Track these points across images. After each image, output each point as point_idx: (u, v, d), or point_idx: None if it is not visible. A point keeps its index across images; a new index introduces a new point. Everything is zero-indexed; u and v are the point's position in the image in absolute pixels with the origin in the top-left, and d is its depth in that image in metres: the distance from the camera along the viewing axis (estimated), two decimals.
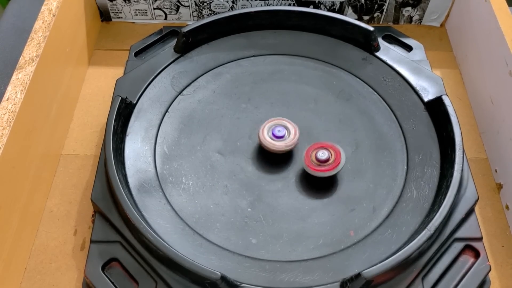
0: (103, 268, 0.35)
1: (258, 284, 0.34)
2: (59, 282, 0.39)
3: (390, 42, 0.50)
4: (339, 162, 0.39)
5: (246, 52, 0.49)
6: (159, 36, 0.50)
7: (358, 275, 0.33)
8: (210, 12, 0.57)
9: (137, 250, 0.35)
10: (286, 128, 0.41)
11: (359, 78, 0.47)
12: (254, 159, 0.42)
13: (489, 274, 0.36)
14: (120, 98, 0.42)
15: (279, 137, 0.41)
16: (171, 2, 0.55)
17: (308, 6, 0.55)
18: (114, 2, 0.56)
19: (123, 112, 0.42)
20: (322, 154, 0.39)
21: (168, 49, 0.48)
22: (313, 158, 0.40)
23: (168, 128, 0.44)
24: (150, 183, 0.40)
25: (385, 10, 0.57)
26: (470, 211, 0.38)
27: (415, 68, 0.46)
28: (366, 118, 0.45)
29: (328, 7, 0.56)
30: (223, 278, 0.33)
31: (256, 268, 0.36)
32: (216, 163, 0.42)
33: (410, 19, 0.58)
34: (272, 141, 0.41)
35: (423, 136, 0.42)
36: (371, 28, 0.47)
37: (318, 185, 0.41)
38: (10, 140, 0.37)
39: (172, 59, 0.47)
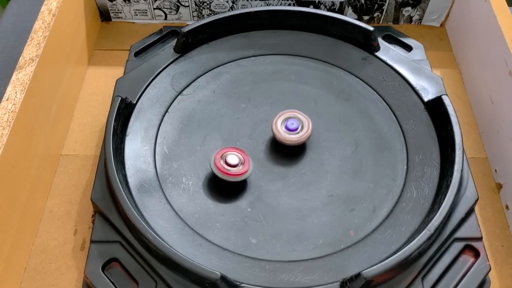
0: (103, 268, 0.35)
1: (258, 284, 0.34)
2: (59, 282, 0.39)
3: (390, 42, 0.50)
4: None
5: (246, 52, 0.49)
6: (159, 36, 0.50)
7: (358, 275, 0.33)
8: (210, 12, 0.57)
9: (137, 250, 0.35)
10: (300, 120, 0.42)
11: (359, 78, 0.47)
12: (254, 159, 0.42)
13: (489, 274, 0.36)
14: (120, 98, 0.42)
15: (293, 130, 0.41)
16: (171, 2, 0.55)
17: (308, 6, 0.55)
18: (114, 2, 0.56)
19: (123, 112, 0.42)
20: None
21: (168, 49, 0.48)
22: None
23: (168, 128, 0.44)
24: (150, 183, 0.40)
25: (385, 10, 0.57)
26: (470, 211, 0.38)
27: (415, 68, 0.46)
28: (366, 118, 0.45)
29: (328, 7, 0.56)
30: (223, 278, 0.33)
31: (256, 268, 0.36)
32: None
33: (410, 19, 0.58)
34: (287, 135, 0.41)
35: (423, 136, 0.42)
36: (371, 28, 0.47)
37: (318, 185, 0.41)
38: (10, 140, 0.37)
39: (172, 59, 0.47)
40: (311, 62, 0.49)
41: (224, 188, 0.40)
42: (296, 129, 0.41)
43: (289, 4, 0.56)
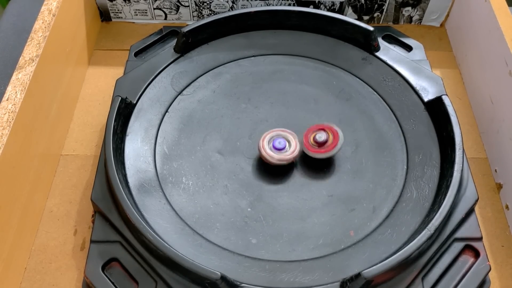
0: (103, 268, 0.35)
1: (258, 284, 0.34)
2: (59, 282, 0.39)
3: (390, 42, 0.50)
4: (337, 143, 0.40)
5: (246, 52, 0.49)
6: (159, 36, 0.50)
7: (358, 275, 0.33)
8: (210, 12, 0.57)
9: (137, 250, 0.35)
10: (287, 139, 0.41)
11: (359, 78, 0.47)
12: (254, 159, 0.42)
13: (489, 274, 0.36)
14: (120, 98, 0.42)
15: (280, 149, 0.40)
16: (171, 2, 0.55)
17: (308, 6, 0.55)
18: (114, 2, 0.56)
19: (123, 112, 0.42)
20: (320, 137, 0.40)
21: (168, 49, 0.48)
22: (312, 141, 0.40)
23: (168, 128, 0.44)
24: (150, 183, 0.40)
25: (385, 10, 0.57)
26: (470, 211, 0.38)
27: (415, 68, 0.46)
28: (366, 118, 0.45)
29: (328, 7, 0.56)
30: (223, 278, 0.33)
31: (256, 268, 0.36)
32: (216, 163, 0.42)
33: (410, 19, 0.58)
34: (273, 153, 0.40)
35: (423, 136, 0.42)
36: (371, 28, 0.47)
37: (318, 185, 0.41)
38: (10, 140, 0.37)
39: (172, 59, 0.47)
40: (311, 62, 0.49)
41: (224, 188, 0.40)
42: (283, 148, 0.40)
43: (289, 4, 0.56)
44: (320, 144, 0.40)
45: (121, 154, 0.41)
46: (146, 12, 0.57)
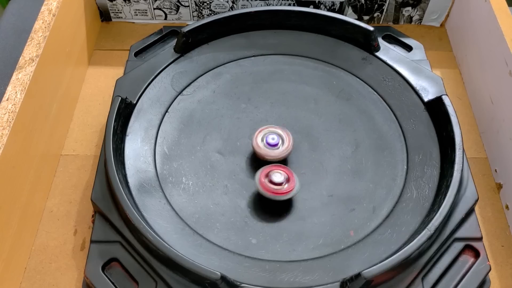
0: (103, 268, 0.35)
1: (258, 284, 0.34)
2: (59, 282, 0.39)
3: (390, 42, 0.50)
4: (294, 186, 0.38)
5: (246, 52, 0.49)
6: (159, 36, 0.50)
7: (358, 275, 0.33)
8: (210, 12, 0.57)
9: (137, 250, 0.35)
10: (280, 136, 0.41)
11: (359, 78, 0.47)
12: (254, 159, 0.42)
13: (489, 274, 0.36)
14: (120, 98, 0.42)
15: (273, 145, 0.40)
16: (171, 2, 0.55)
17: (308, 6, 0.55)
18: (114, 2, 0.56)
19: (123, 112, 0.42)
20: (277, 177, 0.38)
21: (168, 49, 0.48)
22: (267, 182, 0.38)
23: (168, 128, 0.44)
24: (150, 183, 0.40)
25: (385, 10, 0.57)
26: (470, 211, 0.38)
27: (415, 68, 0.46)
28: (366, 118, 0.45)
29: (328, 7, 0.56)
30: (223, 278, 0.33)
31: (256, 268, 0.36)
32: (216, 163, 0.42)
33: (410, 19, 0.58)
34: (267, 149, 0.40)
35: (423, 136, 0.42)
36: (371, 28, 0.47)
37: (318, 185, 0.41)
38: (10, 140, 0.37)
39: (172, 59, 0.47)
40: (311, 62, 0.49)
41: (224, 188, 0.40)
42: (276, 145, 0.40)
43: (289, 4, 0.56)
44: (277, 185, 0.38)
45: (121, 154, 0.41)
46: (146, 12, 0.57)
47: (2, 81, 0.53)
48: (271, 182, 0.38)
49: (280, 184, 0.38)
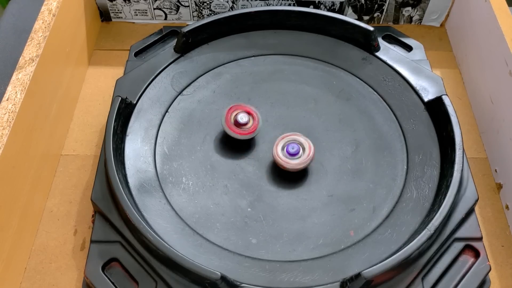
0: (103, 268, 0.35)
1: (258, 284, 0.34)
2: (59, 282, 0.39)
3: (390, 42, 0.50)
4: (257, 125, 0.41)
5: (246, 52, 0.49)
6: (159, 36, 0.50)
7: (358, 275, 0.33)
8: (210, 12, 0.57)
9: (137, 250, 0.35)
10: (301, 144, 0.40)
11: (359, 78, 0.47)
12: (254, 159, 0.42)
13: (489, 274, 0.36)
14: (120, 98, 0.42)
15: (293, 155, 0.40)
16: (171, 2, 0.55)
17: (308, 6, 0.55)
18: (114, 2, 0.56)
19: (123, 112, 0.42)
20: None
21: (168, 49, 0.48)
22: (232, 121, 0.41)
23: (168, 128, 0.44)
24: (150, 183, 0.40)
25: (385, 10, 0.57)
26: (470, 211, 0.38)
27: (415, 68, 0.46)
28: (366, 118, 0.45)
29: (328, 7, 0.56)
30: (223, 278, 0.33)
31: (256, 268, 0.36)
32: (216, 163, 0.42)
33: (410, 19, 0.58)
34: (287, 160, 0.40)
35: (423, 136, 0.42)
36: (371, 28, 0.47)
37: (318, 185, 0.41)
38: (10, 140, 0.37)
39: (172, 59, 0.47)
40: (311, 62, 0.49)
41: (224, 188, 0.40)
42: (297, 153, 0.40)
43: (289, 4, 0.56)
44: (242, 125, 0.41)
45: (121, 154, 0.41)
46: (146, 12, 0.57)
47: (2, 81, 0.53)
48: (237, 123, 0.41)
49: (245, 124, 0.41)
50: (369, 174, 0.41)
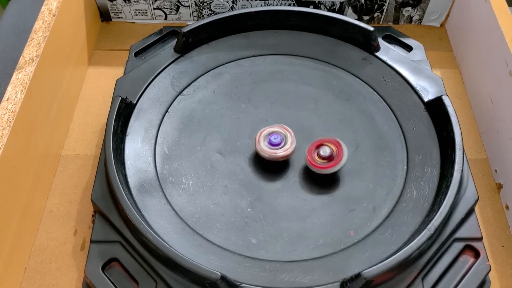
0: (103, 268, 0.35)
1: (258, 284, 0.34)
2: (59, 282, 0.39)
3: (390, 42, 0.50)
4: (342, 158, 0.39)
5: (246, 52, 0.49)
6: (159, 36, 0.50)
7: (358, 275, 0.33)
8: (210, 12, 0.57)
9: (137, 250, 0.35)
10: (283, 134, 0.41)
11: (359, 78, 0.47)
12: (254, 159, 0.42)
13: (489, 274, 0.36)
14: (120, 98, 0.42)
15: (276, 145, 0.40)
16: (171, 2, 0.55)
17: (308, 6, 0.56)
18: (114, 2, 0.56)
19: (123, 112, 0.42)
20: (324, 152, 0.39)
21: (168, 49, 0.48)
22: (316, 156, 0.40)
23: (168, 128, 0.44)
24: (150, 183, 0.40)
25: (385, 10, 0.57)
26: (470, 211, 0.38)
27: (415, 68, 0.46)
28: (366, 118, 0.45)
29: (328, 7, 0.56)
30: (223, 278, 0.33)
31: (256, 268, 0.36)
32: (216, 163, 0.42)
33: (410, 19, 0.58)
34: (270, 150, 0.40)
35: (423, 136, 0.42)
36: (371, 28, 0.47)
37: (318, 185, 0.41)
38: (10, 140, 0.37)
39: (172, 59, 0.47)
40: (311, 62, 0.49)
41: (224, 188, 0.40)
42: (279, 144, 0.40)
43: (289, 4, 0.56)
44: (325, 159, 0.40)
45: (121, 154, 0.41)
46: (146, 12, 0.57)
47: (2, 81, 0.53)
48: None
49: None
50: (369, 174, 0.41)
